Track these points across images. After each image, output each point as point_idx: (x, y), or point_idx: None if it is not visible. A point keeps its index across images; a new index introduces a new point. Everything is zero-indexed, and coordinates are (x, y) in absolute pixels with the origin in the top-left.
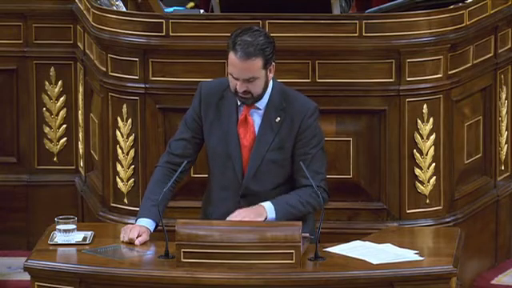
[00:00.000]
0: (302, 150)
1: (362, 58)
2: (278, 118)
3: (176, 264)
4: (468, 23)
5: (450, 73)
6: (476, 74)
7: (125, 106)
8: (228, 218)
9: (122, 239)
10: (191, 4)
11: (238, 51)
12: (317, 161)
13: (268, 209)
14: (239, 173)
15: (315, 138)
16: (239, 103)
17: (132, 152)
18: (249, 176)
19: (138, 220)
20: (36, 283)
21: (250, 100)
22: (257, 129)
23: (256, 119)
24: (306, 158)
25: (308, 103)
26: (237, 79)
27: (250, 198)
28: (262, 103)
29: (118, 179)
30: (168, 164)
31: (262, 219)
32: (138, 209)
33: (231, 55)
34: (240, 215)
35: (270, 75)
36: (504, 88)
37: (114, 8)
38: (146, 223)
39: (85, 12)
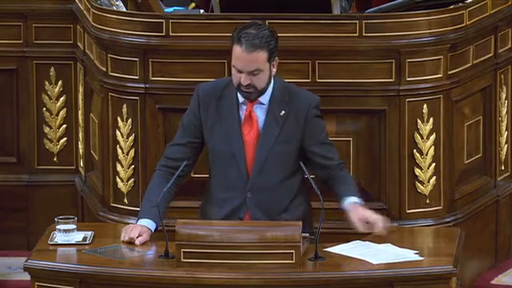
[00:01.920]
0: (319, 137)
1: (362, 57)
2: (283, 112)
3: (176, 264)
4: (468, 23)
5: (449, 73)
6: (476, 74)
7: (125, 106)
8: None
9: (122, 239)
10: (192, 5)
11: (244, 43)
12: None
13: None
14: (243, 170)
15: (324, 129)
16: (240, 101)
17: (132, 152)
18: (255, 171)
19: (139, 220)
20: (36, 283)
21: (254, 94)
22: (261, 124)
23: (260, 115)
24: (325, 143)
25: (311, 96)
26: (241, 72)
27: (258, 194)
28: (265, 98)
29: (118, 179)
30: (165, 168)
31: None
32: (138, 209)
33: (236, 48)
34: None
35: (274, 70)
36: (504, 88)
37: (114, 8)
38: (147, 223)
39: (85, 12)
